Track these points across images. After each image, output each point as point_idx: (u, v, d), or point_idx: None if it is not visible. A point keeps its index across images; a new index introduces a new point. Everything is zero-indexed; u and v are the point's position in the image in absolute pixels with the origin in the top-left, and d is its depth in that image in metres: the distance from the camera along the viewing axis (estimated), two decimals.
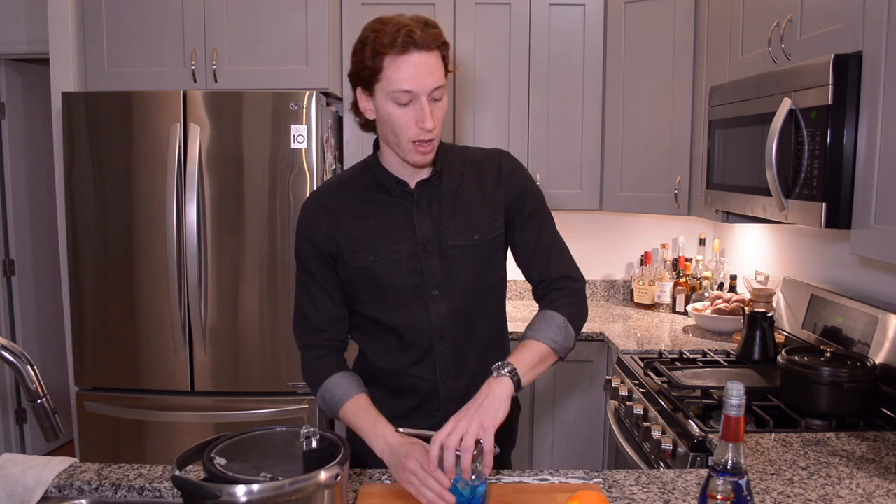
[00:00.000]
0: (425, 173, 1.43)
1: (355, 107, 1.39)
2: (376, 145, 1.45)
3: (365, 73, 1.30)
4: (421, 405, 1.46)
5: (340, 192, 1.45)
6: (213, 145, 2.53)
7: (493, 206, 1.45)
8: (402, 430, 1.28)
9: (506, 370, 1.24)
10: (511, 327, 1.70)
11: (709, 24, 2.53)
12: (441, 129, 1.34)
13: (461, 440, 1.15)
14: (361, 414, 1.34)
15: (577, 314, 1.40)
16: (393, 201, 1.42)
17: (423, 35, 1.26)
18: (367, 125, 1.40)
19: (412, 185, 1.42)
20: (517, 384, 1.24)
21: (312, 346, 1.46)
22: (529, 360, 1.29)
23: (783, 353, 1.82)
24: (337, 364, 1.44)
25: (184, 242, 2.54)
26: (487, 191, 1.45)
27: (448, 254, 1.40)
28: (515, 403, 1.52)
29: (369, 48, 1.27)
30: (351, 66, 1.33)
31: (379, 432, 1.29)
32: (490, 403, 1.20)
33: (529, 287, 1.52)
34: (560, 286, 1.43)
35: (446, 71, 1.33)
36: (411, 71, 1.25)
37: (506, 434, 1.50)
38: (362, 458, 1.43)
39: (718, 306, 2.68)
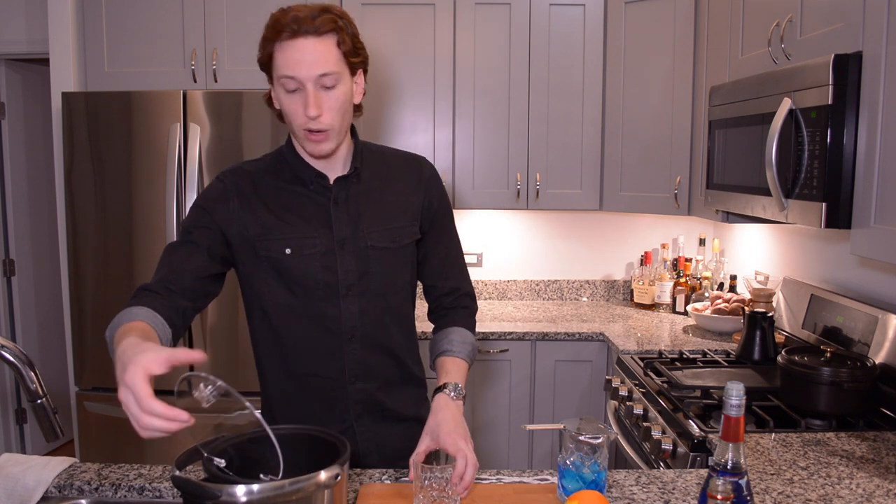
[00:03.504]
0: (343, 168, 1.39)
1: (269, 98, 1.36)
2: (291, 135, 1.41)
3: (264, 61, 1.30)
4: (332, 408, 1.41)
5: (254, 180, 1.39)
6: (213, 145, 2.53)
7: (412, 211, 1.43)
8: (528, 426, 1.31)
9: (459, 393, 1.35)
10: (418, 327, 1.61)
11: (709, 24, 2.53)
12: (340, 120, 1.30)
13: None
14: (136, 333, 1.09)
15: (474, 335, 1.52)
16: (310, 195, 1.38)
17: (311, 21, 1.23)
18: (281, 116, 1.36)
19: (331, 180, 1.38)
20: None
21: (143, 289, 1.27)
22: (463, 378, 1.41)
23: (783, 353, 1.82)
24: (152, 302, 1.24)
25: None
26: (406, 194, 1.44)
27: (364, 254, 1.38)
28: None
29: (264, 34, 1.28)
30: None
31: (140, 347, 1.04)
32: (462, 424, 1.30)
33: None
34: (465, 304, 1.53)
35: (350, 59, 1.29)
36: (295, 56, 1.24)
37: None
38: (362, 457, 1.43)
39: (718, 306, 2.68)
